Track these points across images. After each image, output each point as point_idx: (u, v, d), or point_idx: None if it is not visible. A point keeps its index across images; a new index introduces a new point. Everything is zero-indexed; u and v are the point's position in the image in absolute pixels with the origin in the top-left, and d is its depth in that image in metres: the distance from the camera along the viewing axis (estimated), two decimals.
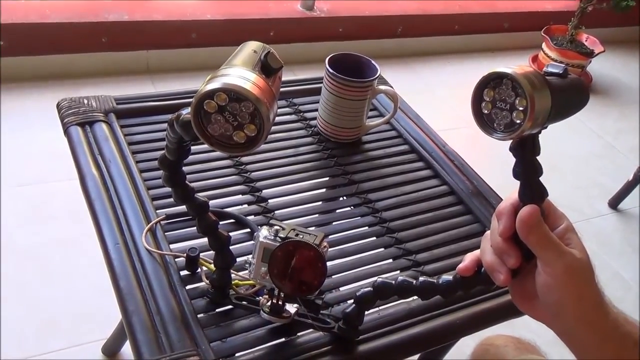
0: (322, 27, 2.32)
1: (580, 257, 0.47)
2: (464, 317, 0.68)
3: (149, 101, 0.90)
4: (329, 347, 0.62)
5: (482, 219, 0.83)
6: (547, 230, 0.47)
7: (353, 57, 0.92)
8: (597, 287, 0.47)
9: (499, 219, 0.50)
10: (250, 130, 0.44)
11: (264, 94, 0.42)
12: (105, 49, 1.97)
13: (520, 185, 0.48)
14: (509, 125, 0.45)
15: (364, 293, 0.59)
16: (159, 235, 0.70)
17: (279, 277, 0.57)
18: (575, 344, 0.48)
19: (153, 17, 2.02)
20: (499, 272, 0.50)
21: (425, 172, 0.91)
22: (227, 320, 0.63)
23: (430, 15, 2.56)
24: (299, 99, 1.00)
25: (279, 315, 0.60)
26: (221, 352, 0.59)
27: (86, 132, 0.82)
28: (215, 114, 0.44)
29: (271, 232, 0.58)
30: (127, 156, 0.79)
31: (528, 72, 0.43)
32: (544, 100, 0.43)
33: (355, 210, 0.81)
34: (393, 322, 0.66)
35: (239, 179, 0.82)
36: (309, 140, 0.92)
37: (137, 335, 0.59)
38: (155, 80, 2.02)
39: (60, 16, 1.89)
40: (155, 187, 0.76)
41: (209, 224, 0.58)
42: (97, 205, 0.71)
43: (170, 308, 0.62)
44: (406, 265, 0.74)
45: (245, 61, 0.45)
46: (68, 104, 0.85)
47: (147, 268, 0.65)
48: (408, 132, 0.97)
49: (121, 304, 0.62)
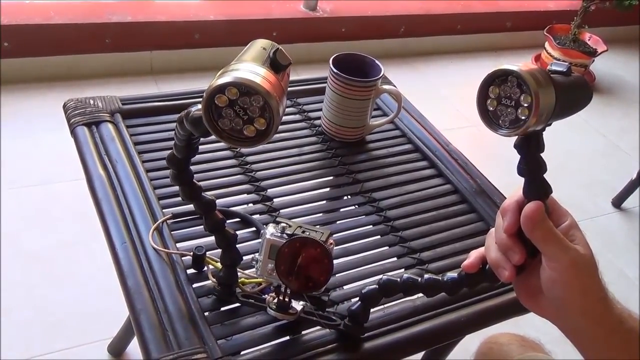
0: (325, 28, 2.33)
1: (584, 253, 0.47)
2: (468, 314, 0.68)
3: (154, 101, 0.90)
4: (334, 345, 0.62)
5: (486, 218, 0.83)
6: (551, 226, 0.47)
7: (357, 56, 0.93)
8: (602, 283, 0.48)
9: (503, 215, 0.50)
10: (260, 124, 0.45)
11: (274, 88, 0.43)
12: (109, 50, 1.98)
13: (525, 182, 0.49)
14: (514, 122, 0.45)
15: (369, 290, 0.59)
16: (166, 234, 0.70)
17: (285, 273, 0.57)
18: (580, 340, 0.49)
19: (156, 18, 2.03)
20: (504, 269, 0.50)
21: (429, 171, 0.91)
22: (234, 318, 0.63)
23: (433, 15, 2.57)
24: (303, 99, 1.01)
25: (286, 312, 0.61)
26: (228, 350, 0.60)
27: (92, 133, 0.82)
28: (226, 108, 0.44)
29: (278, 229, 0.59)
30: (134, 156, 0.80)
31: (533, 70, 0.44)
32: (549, 97, 0.44)
33: (360, 209, 0.82)
34: (398, 320, 0.66)
35: (244, 179, 0.82)
36: (313, 139, 0.93)
37: (145, 333, 0.59)
38: (159, 81, 2.03)
39: (64, 17, 1.90)
40: (161, 186, 0.77)
41: (216, 222, 0.59)
42: (104, 204, 0.72)
43: (178, 306, 0.62)
44: (410, 263, 0.75)
45: (255, 57, 0.45)
46: (74, 105, 0.86)
47: (154, 267, 0.66)
48: (412, 132, 0.97)
49: (129, 302, 0.62)
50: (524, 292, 0.53)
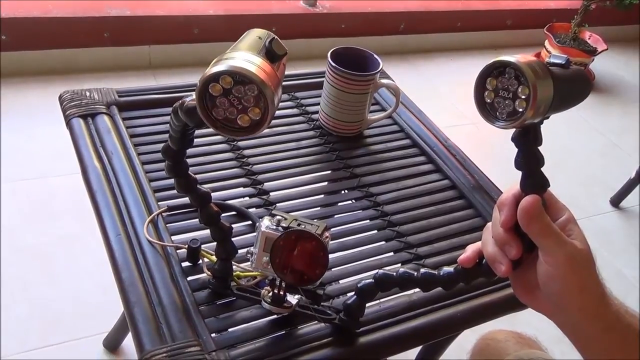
0: (325, 23, 2.32)
1: (581, 248, 0.47)
2: (465, 309, 0.68)
3: (151, 94, 0.90)
4: (329, 339, 0.62)
5: (484, 213, 0.83)
6: (548, 220, 0.47)
7: (355, 50, 0.92)
8: (599, 278, 0.47)
9: (500, 209, 0.50)
10: (255, 114, 0.44)
11: (270, 77, 0.43)
12: (108, 44, 1.97)
13: (522, 175, 0.48)
14: (511, 114, 0.45)
15: (365, 284, 0.59)
16: (161, 226, 0.70)
17: (280, 266, 0.57)
18: (577, 335, 0.48)
19: (155, 12, 2.02)
20: (500, 263, 0.50)
21: (427, 166, 0.91)
22: (229, 311, 0.63)
23: (432, 12, 2.56)
24: (300, 93, 1.00)
25: (281, 306, 0.60)
26: (222, 343, 0.59)
27: (88, 124, 0.82)
28: (220, 98, 0.44)
29: (273, 222, 0.58)
30: (129, 148, 0.79)
31: (531, 61, 0.43)
32: (547, 89, 0.43)
33: (357, 204, 0.81)
34: (394, 315, 0.66)
35: (241, 172, 0.82)
36: (310, 133, 0.92)
37: (139, 326, 0.59)
38: (158, 75, 2.02)
39: (63, 11, 1.89)
40: (157, 179, 0.76)
41: (211, 215, 0.58)
42: (99, 196, 0.71)
43: (172, 299, 0.62)
44: (407, 258, 0.74)
45: (250, 46, 0.45)
46: (70, 96, 0.85)
47: (148, 259, 0.65)
48: (410, 127, 0.97)
49: (123, 295, 0.62)
50: (521, 287, 0.52)
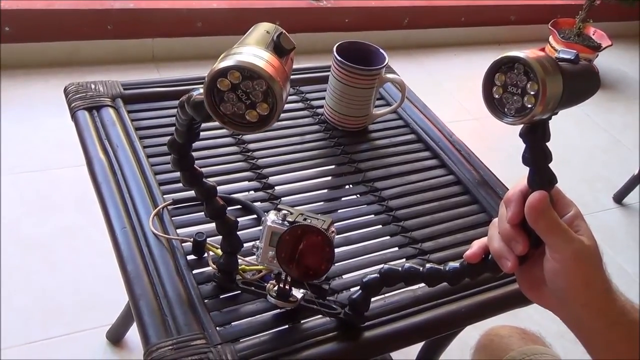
0: (329, 18, 2.31)
1: (588, 244, 0.47)
2: (469, 305, 0.68)
3: (156, 87, 0.90)
4: (334, 333, 0.62)
5: (488, 209, 0.83)
6: (555, 216, 0.47)
7: (361, 45, 0.92)
8: (605, 274, 0.47)
9: (507, 205, 0.50)
10: (263, 109, 0.44)
11: (278, 72, 0.42)
12: (111, 36, 1.97)
13: (530, 171, 0.48)
14: (519, 110, 0.45)
15: (370, 279, 0.59)
16: (166, 219, 0.70)
17: (286, 261, 0.57)
18: (582, 331, 0.48)
19: (159, 5, 2.01)
20: (507, 259, 0.50)
21: (432, 161, 0.90)
22: (234, 305, 0.63)
23: (436, 6, 2.55)
24: (306, 87, 1.00)
25: (286, 300, 0.60)
26: (227, 336, 0.59)
27: (93, 117, 0.82)
28: (228, 93, 0.44)
29: (279, 216, 0.58)
30: (135, 141, 0.79)
31: (540, 57, 0.43)
32: (556, 84, 0.43)
33: (361, 199, 0.81)
34: (399, 310, 0.66)
35: (246, 166, 0.82)
36: (315, 128, 0.92)
37: (145, 319, 0.59)
38: (161, 68, 2.02)
39: (66, 3, 1.89)
40: (162, 172, 0.76)
41: (217, 208, 0.58)
42: (104, 189, 0.71)
43: (177, 292, 0.62)
44: (412, 253, 0.74)
45: (258, 41, 0.45)
46: (75, 89, 0.85)
47: (154, 252, 0.65)
48: (415, 122, 0.97)
49: (128, 287, 0.62)
50: (527, 283, 0.52)
